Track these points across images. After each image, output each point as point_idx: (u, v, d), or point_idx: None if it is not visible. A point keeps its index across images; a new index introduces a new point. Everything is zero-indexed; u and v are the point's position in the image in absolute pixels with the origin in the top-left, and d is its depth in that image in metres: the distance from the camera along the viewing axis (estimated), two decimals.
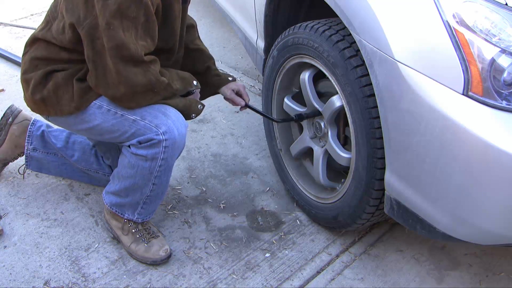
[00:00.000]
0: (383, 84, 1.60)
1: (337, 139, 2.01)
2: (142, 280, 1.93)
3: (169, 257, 1.99)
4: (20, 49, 2.62)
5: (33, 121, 2.21)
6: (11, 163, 2.31)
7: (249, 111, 2.87)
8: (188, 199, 2.30)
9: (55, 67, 1.80)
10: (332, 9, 1.79)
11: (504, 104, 1.41)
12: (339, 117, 1.99)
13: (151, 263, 1.98)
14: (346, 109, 1.83)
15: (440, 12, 1.46)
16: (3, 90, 2.93)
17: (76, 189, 2.30)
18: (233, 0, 2.84)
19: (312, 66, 2.01)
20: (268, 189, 2.39)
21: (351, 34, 1.72)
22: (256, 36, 2.51)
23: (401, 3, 1.55)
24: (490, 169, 1.42)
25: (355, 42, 1.72)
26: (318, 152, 2.11)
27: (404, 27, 1.53)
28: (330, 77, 1.87)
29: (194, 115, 1.90)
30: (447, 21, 1.44)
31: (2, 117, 2.23)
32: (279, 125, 2.31)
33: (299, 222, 2.21)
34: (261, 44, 2.46)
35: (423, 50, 1.49)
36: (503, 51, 1.40)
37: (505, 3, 1.43)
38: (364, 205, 1.85)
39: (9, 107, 2.25)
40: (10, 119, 2.21)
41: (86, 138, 2.20)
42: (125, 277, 1.94)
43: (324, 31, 1.85)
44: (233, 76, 2.13)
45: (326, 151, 2.07)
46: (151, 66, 1.71)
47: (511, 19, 1.41)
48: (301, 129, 2.25)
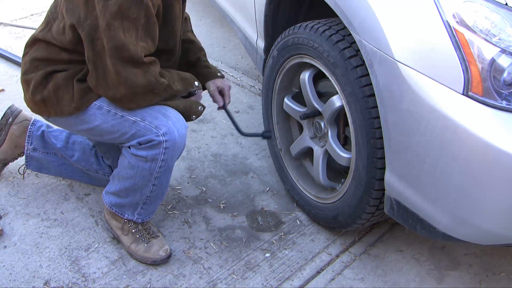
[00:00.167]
0: (383, 84, 1.60)
1: (337, 139, 2.01)
2: (142, 280, 1.93)
3: (169, 257, 1.99)
4: (20, 49, 2.62)
5: (33, 121, 2.21)
6: (11, 163, 2.30)
7: (250, 111, 2.89)
8: (188, 199, 2.30)
9: (56, 68, 1.80)
10: (332, 9, 1.79)
11: (504, 104, 1.41)
12: (339, 117, 1.99)
13: (151, 263, 1.98)
14: (346, 109, 1.83)
15: (440, 12, 1.46)
16: (3, 90, 2.93)
17: (76, 189, 2.30)
18: (233, 0, 2.84)
19: (312, 66, 2.01)
20: (268, 189, 2.39)
21: (351, 34, 1.72)
22: (256, 36, 2.51)
23: (401, 3, 1.55)
24: (490, 169, 1.42)
25: (355, 42, 1.72)
26: (318, 152, 2.11)
27: (404, 27, 1.53)
28: (330, 77, 1.87)
29: (194, 116, 1.90)
30: (447, 21, 1.44)
31: (2, 117, 2.23)
32: (279, 125, 2.32)
33: (299, 222, 2.21)
34: (261, 44, 2.45)
35: (423, 50, 1.49)
36: (503, 51, 1.40)
37: (505, 3, 1.43)
38: (364, 205, 1.85)
39: (9, 107, 2.25)
40: (10, 119, 2.21)
41: (86, 138, 2.20)
42: (125, 277, 1.94)
43: (324, 31, 1.85)
44: (222, 73, 2.11)
45: (326, 151, 2.07)
46: (151, 67, 1.70)
47: (511, 19, 1.41)
48: (301, 129, 2.25)
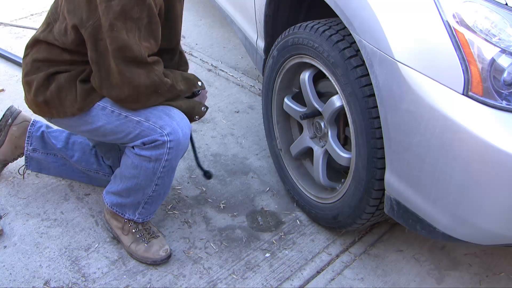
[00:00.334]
0: (383, 84, 1.60)
1: (337, 139, 2.01)
2: (142, 280, 1.93)
3: (169, 257, 1.99)
4: (20, 49, 2.62)
5: (33, 122, 2.21)
6: (11, 164, 2.30)
7: (249, 111, 2.89)
8: (188, 199, 2.30)
9: (58, 69, 1.79)
10: (332, 9, 1.79)
11: (504, 104, 1.41)
12: (339, 117, 1.99)
13: (151, 263, 1.98)
14: (346, 109, 1.83)
15: (440, 12, 1.45)
16: (3, 90, 2.93)
17: (76, 189, 2.30)
18: (233, 0, 2.84)
19: (312, 66, 2.01)
20: (268, 189, 2.39)
21: (351, 34, 1.72)
22: (256, 36, 2.51)
23: (401, 3, 1.55)
24: (490, 169, 1.42)
25: (355, 42, 1.72)
26: (318, 152, 2.11)
27: (404, 27, 1.53)
28: (330, 77, 1.87)
29: (197, 117, 1.90)
30: (447, 21, 1.44)
31: (1, 118, 2.23)
32: (279, 125, 2.31)
33: (299, 222, 2.21)
34: (261, 44, 2.45)
35: (423, 50, 1.49)
36: (503, 51, 1.39)
37: (505, 3, 1.43)
38: (364, 205, 1.85)
39: (9, 108, 2.24)
40: (9, 120, 2.21)
41: (86, 138, 2.20)
42: (125, 277, 1.94)
43: (324, 31, 1.85)
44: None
45: (326, 151, 2.07)
46: (154, 67, 1.70)
47: (511, 19, 1.41)
48: (301, 129, 2.25)
